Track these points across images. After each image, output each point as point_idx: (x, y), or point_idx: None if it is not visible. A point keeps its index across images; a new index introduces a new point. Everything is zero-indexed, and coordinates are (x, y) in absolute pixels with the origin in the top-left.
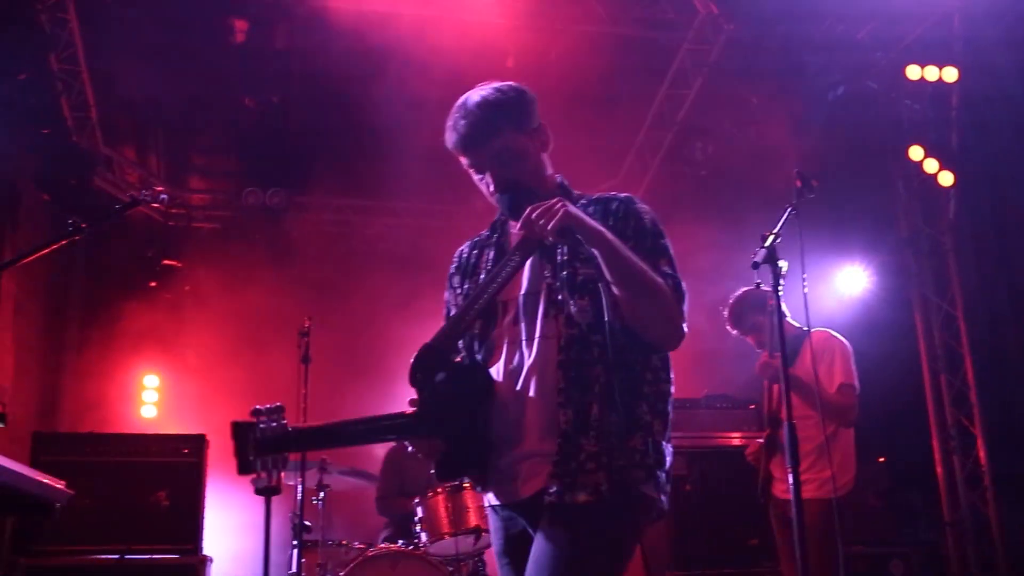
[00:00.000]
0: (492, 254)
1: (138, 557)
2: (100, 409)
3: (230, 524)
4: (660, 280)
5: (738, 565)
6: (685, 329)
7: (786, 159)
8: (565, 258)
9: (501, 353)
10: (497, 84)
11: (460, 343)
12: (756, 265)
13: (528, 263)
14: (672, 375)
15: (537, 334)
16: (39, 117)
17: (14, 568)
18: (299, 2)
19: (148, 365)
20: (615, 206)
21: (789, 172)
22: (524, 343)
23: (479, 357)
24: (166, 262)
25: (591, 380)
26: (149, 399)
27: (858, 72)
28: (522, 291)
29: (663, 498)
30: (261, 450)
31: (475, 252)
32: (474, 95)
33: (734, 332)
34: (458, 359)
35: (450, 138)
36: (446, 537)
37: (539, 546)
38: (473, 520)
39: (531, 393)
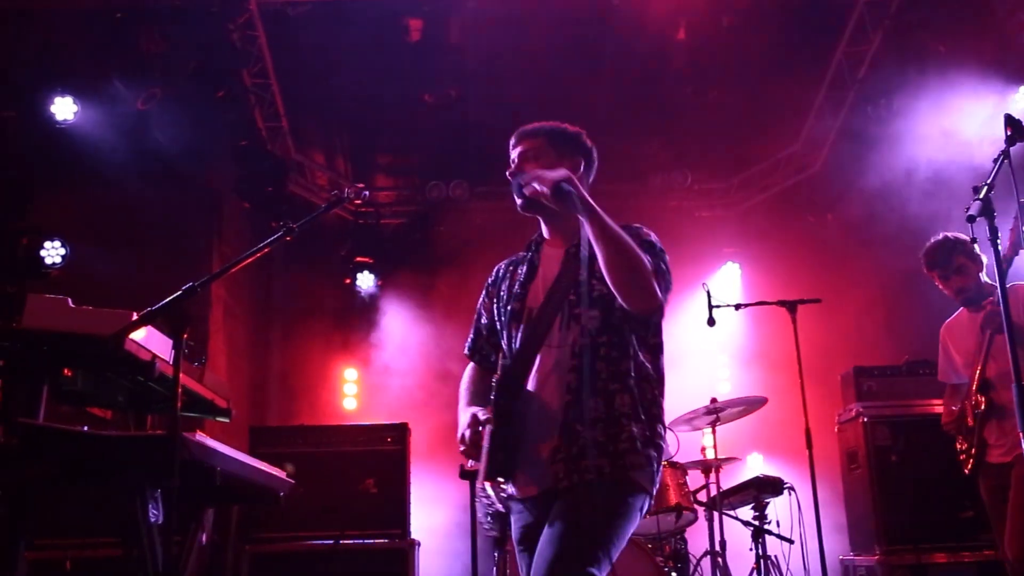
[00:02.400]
0: (525, 267)
1: (351, 542)
2: (305, 402)
3: (435, 509)
4: (642, 255)
5: (952, 539)
6: (661, 299)
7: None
8: (585, 276)
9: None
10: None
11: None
12: (972, 219)
13: (552, 277)
14: (664, 375)
15: (555, 343)
16: (236, 130)
17: (241, 554)
18: None
19: (347, 359)
20: (630, 230)
21: None
22: (520, 355)
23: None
24: (358, 259)
25: (597, 379)
26: (349, 391)
27: None
28: (542, 303)
29: (653, 490)
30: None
31: (510, 268)
32: None
33: (933, 274)
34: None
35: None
36: (647, 516)
37: (550, 519)
38: (673, 498)
39: (548, 395)
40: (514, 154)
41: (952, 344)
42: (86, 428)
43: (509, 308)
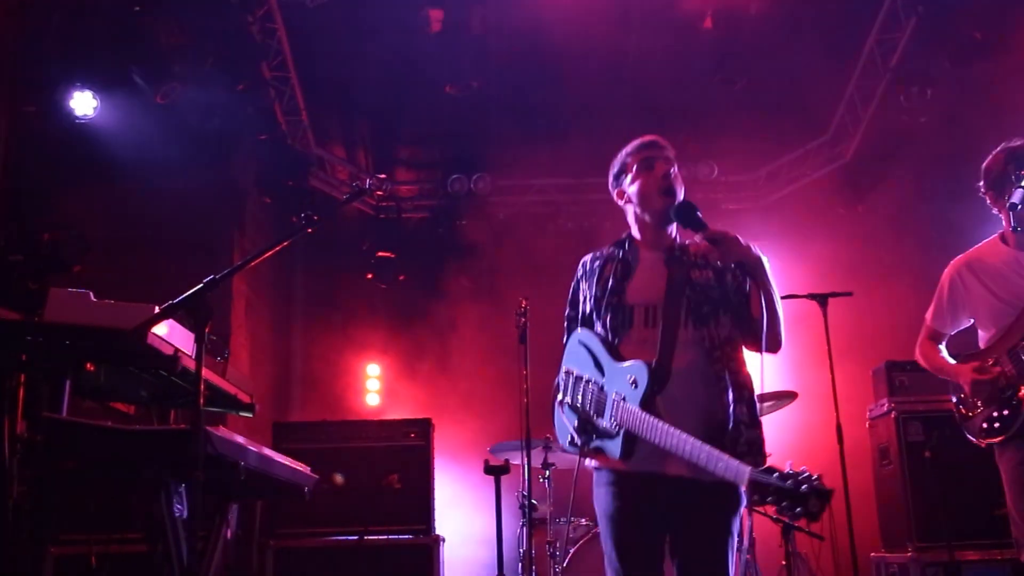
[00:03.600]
0: (619, 266)
1: (376, 538)
2: (327, 398)
3: (458, 504)
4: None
5: (985, 537)
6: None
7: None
8: (700, 278)
9: (635, 352)
10: None
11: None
12: (1014, 207)
13: (659, 278)
14: None
15: (681, 340)
16: (256, 124)
17: (265, 549)
18: None
19: (369, 354)
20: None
21: None
22: (662, 340)
23: (616, 343)
24: (380, 254)
25: (729, 382)
26: (372, 387)
27: None
28: (660, 299)
29: None
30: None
31: (597, 264)
32: None
33: (988, 194)
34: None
35: (629, 152)
36: None
37: (699, 518)
38: None
39: (690, 391)
40: (660, 156)
41: (986, 282)
42: (109, 423)
43: (605, 303)
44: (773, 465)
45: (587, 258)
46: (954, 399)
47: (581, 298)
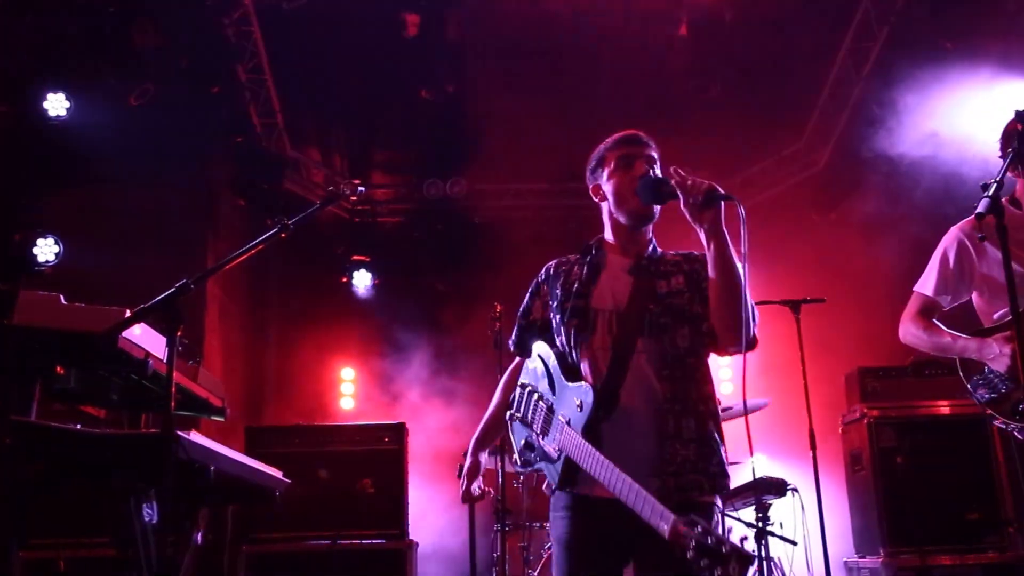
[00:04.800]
0: (586, 269)
1: (348, 543)
2: (301, 402)
3: (432, 509)
4: (748, 295)
5: (957, 542)
6: (757, 341)
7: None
8: (666, 290)
9: (593, 360)
10: None
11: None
12: (981, 216)
13: (622, 285)
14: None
15: (637, 349)
16: (231, 126)
17: (237, 554)
18: None
19: (344, 358)
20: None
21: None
22: (615, 355)
23: (574, 355)
24: (355, 257)
25: (688, 398)
26: (346, 391)
27: None
28: (620, 308)
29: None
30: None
31: (563, 268)
32: None
33: (1007, 151)
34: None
35: (609, 147)
36: None
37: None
38: None
39: (638, 404)
40: (642, 155)
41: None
42: (79, 426)
43: (570, 306)
44: (695, 518)
45: (551, 264)
46: (972, 381)
47: (537, 305)
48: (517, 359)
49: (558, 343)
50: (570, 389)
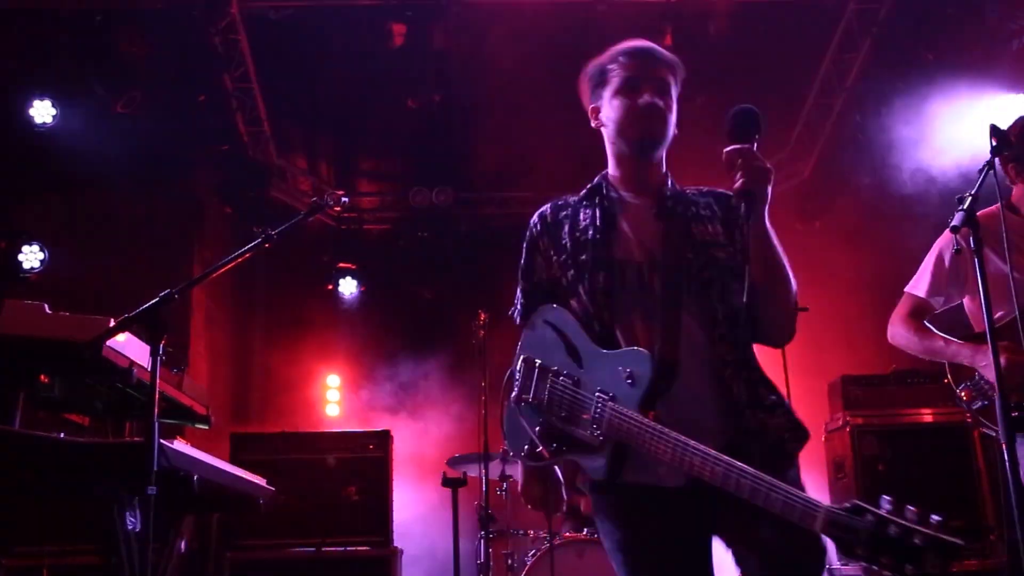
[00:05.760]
0: (599, 212)
1: (333, 550)
2: (287, 409)
3: (417, 516)
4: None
5: None
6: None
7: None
8: (705, 238)
9: (628, 324)
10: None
11: (579, 299)
12: (956, 229)
13: (650, 231)
14: None
15: (683, 307)
16: (218, 135)
17: (221, 561)
18: (453, 2)
19: (329, 365)
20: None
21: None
22: (662, 315)
23: (603, 317)
24: (341, 265)
25: (748, 358)
26: (332, 398)
27: None
28: (655, 258)
29: None
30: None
31: (564, 214)
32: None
33: (1011, 161)
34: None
35: (631, 45)
36: None
37: (739, 508)
38: None
39: (694, 371)
40: (652, 78)
41: (1001, 253)
42: (63, 435)
43: (589, 259)
44: (861, 503)
45: (546, 209)
46: (962, 387)
47: (539, 262)
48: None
49: (574, 306)
50: (608, 358)
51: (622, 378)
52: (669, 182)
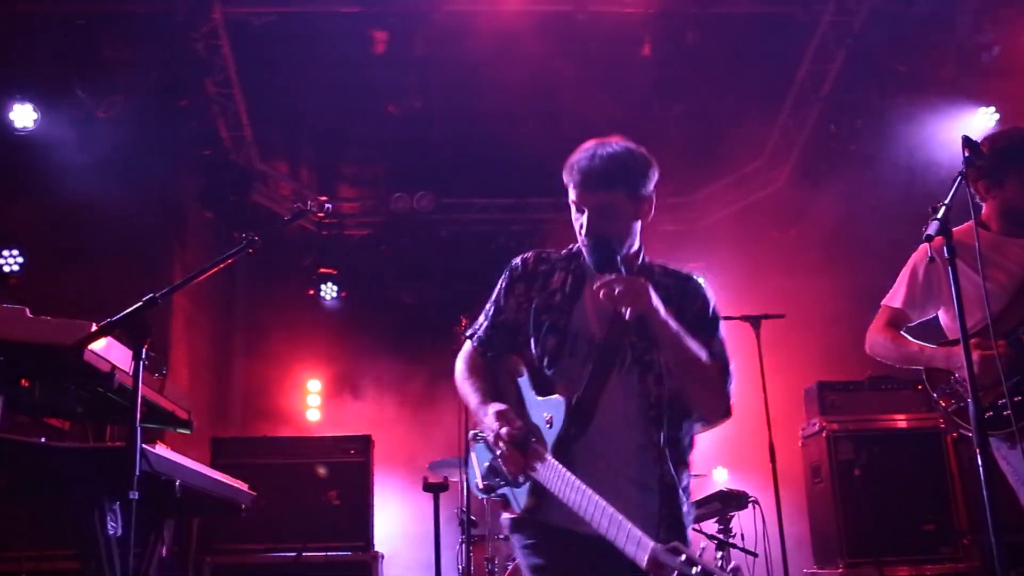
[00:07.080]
0: (570, 279)
1: (314, 555)
2: (268, 413)
3: (397, 521)
4: (710, 366)
5: (914, 552)
6: (731, 408)
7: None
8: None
9: (566, 385)
10: (631, 145)
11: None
12: (929, 238)
13: (607, 312)
14: None
15: (617, 384)
16: (199, 139)
17: (201, 566)
18: (435, 9)
19: (310, 370)
20: (691, 287)
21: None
22: (591, 386)
23: (549, 373)
24: (322, 270)
25: (674, 440)
26: (313, 403)
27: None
28: (599, 339)
29: None
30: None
31: (543, 268)
32: (607, 147)
33: (981, 177)
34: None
35: (569, 172)
36: None
37: None
38: None
39: (622, 438)
40: (586, 206)
41: (973, 264)
42: (43, 439)
43: (547, 321)
44: (679, 545)
45: (529, 257)
46: (938, 391)
47: (511, 304)
48: (471, 348)
49: (529, 352)
50: (539, 404)
51: (544, 421)
52: (640, 258)
